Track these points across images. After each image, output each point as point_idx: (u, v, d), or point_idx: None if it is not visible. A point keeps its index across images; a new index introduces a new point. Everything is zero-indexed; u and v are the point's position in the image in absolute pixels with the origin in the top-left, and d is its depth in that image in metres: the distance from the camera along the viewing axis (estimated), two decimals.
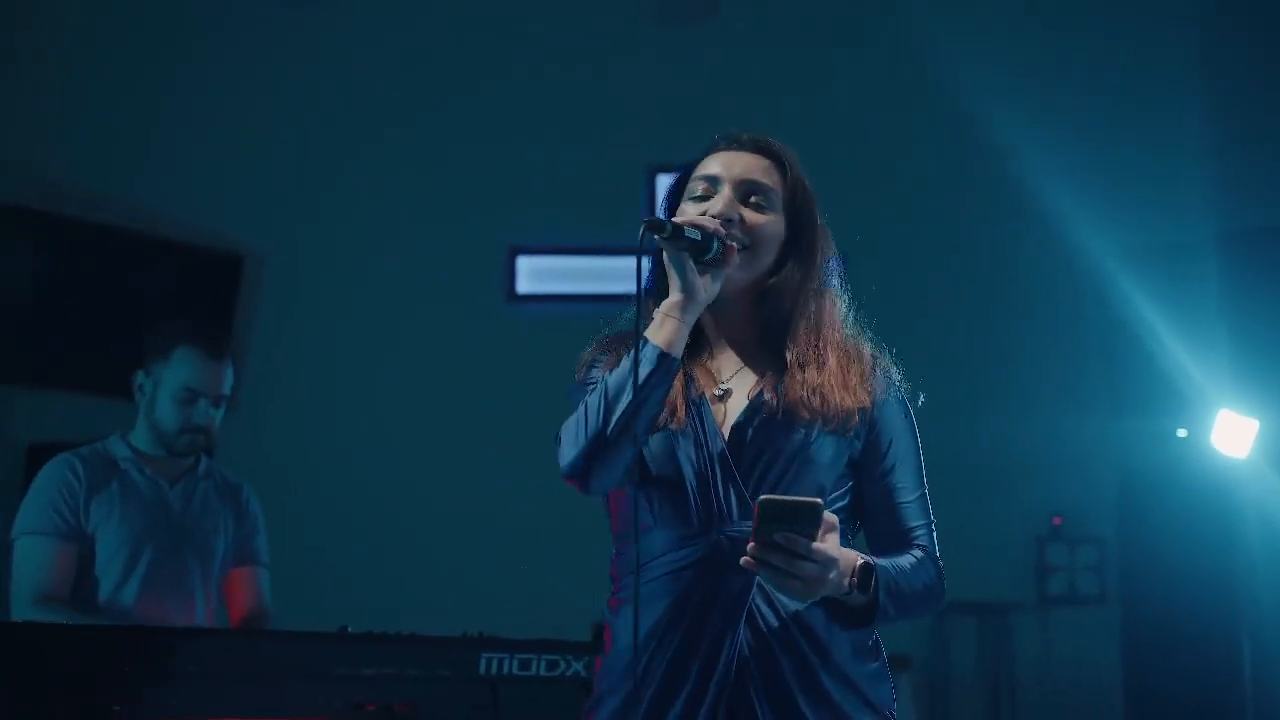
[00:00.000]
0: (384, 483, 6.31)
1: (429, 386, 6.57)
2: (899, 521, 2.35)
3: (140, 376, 3.76)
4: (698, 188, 2.38)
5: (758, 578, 2.15)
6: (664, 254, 2.26)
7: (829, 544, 2.08)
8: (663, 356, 2.19)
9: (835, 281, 2.45)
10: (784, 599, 2.19)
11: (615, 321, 2.47)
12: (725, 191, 2.35)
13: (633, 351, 2.20)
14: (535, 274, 6.88)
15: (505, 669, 3.30)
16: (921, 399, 2.43)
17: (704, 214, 2.30)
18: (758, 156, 2.40)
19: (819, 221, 2.43)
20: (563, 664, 3.38)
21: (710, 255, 2.24)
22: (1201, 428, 6.23)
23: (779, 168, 2.40)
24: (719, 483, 2.25)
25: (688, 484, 2.25)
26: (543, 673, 3.36)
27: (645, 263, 2.35)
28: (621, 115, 6.86)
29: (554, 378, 6.88)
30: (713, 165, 2.39)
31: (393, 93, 6.72)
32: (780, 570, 2.05)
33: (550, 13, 6.95)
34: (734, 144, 2.42)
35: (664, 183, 6.93)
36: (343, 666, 3.13)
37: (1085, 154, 6.44)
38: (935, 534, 2.36)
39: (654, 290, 2.39)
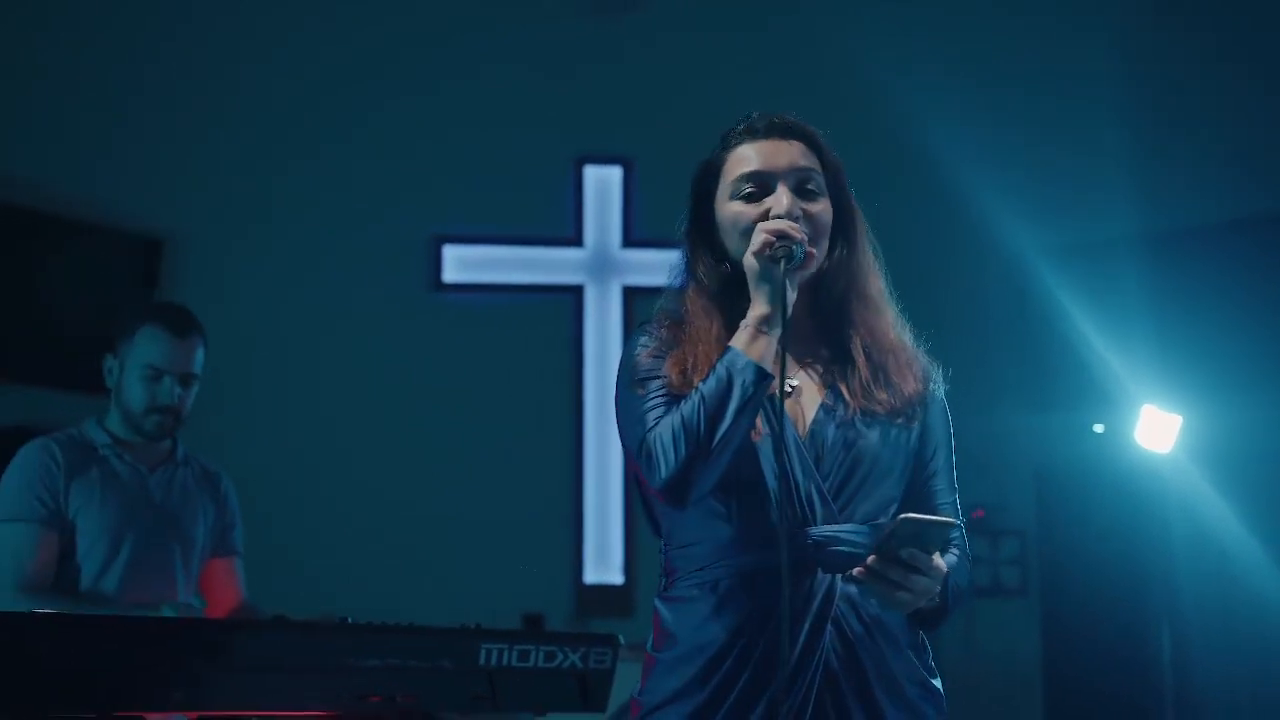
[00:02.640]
0: (308, 470, 6.22)
1: (355, 374, 6.49)
2: None
3: (109, 360, 3.64)
4: (744, 187, 2.25)
5: (841, 581, 2.14)
6: (751, 264, 2.16)
7: (938, 558, 2.07)
8: (763, 375, 2.12)
9: (876, 257, 2.38)
10: (866, 601, 2.16)
11: (658, 307, 2.36)
12: (783, 188, 2.24)
13: (723, 363, 2.13)
14: (461, 263, 6.80)
15: (505, 660, 3.23)
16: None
17: (769, 215, 2.20)
18: (792, 141, 2.28)
19: (851, 194, 2.35)
20: (560, 655, 3.32)
21: (794, 263, 2.16)
22: (1125, 423, 6.34)
23: (814, 148, 2.30)
24: (800, 484, 2.18)
25: (769, 485, 2.17)
26: (540, 664, 3.30)
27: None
28: (549, 106, 6.80)
29: (479, 366, 6.81)
30: (753, 160, 2.26)
31: (320, 80, 6.57)
32: (895, 584, 2.03)
33: (479, 4, 6.85)
34: (767, 133, 2.28)
35: (591, 174, 6.90)
36: (347, 658, 3.04)
37: (1012, 154, 6.48)
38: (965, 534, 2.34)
39: (686, 286, 2.33)
